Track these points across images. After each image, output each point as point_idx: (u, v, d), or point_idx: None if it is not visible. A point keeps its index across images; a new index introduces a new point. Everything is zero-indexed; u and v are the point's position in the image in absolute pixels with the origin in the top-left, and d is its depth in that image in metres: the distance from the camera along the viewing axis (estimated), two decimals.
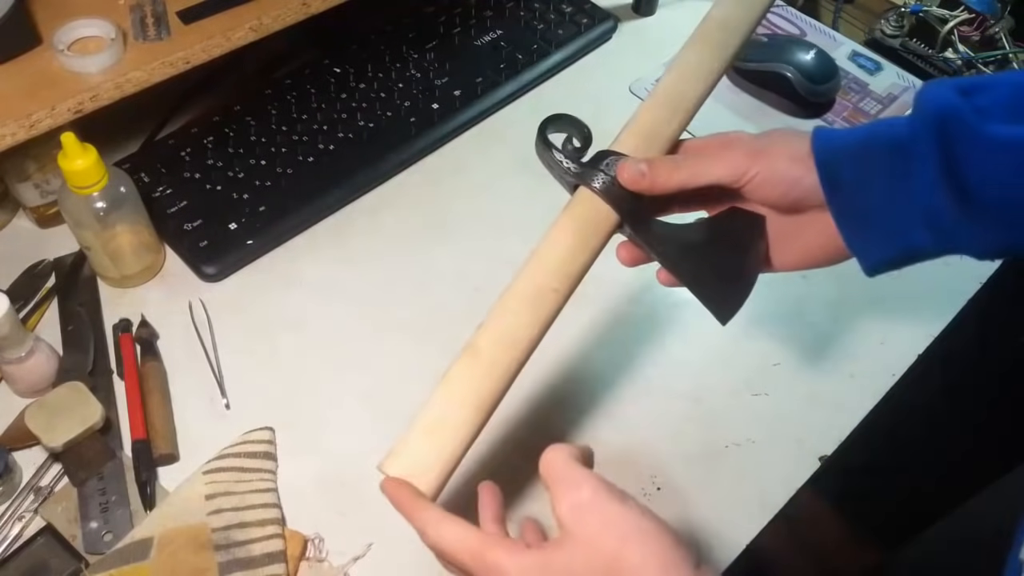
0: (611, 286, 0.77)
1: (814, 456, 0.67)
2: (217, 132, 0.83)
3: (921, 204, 0.44)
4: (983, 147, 0.42)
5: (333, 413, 0.69)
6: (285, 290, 0.76)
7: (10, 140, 0.65)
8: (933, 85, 0.45)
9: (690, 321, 0.75)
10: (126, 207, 0.70)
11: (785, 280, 0.78)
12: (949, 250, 0.45)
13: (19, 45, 0.67)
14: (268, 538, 0.59)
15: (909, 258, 0.47)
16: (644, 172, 0.47)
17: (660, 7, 1.02)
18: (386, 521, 0.63)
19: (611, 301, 0.75)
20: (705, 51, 0.52)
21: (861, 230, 0.47)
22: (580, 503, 0.40)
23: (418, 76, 0.89)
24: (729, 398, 0.71)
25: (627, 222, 0.49)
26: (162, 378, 0.69)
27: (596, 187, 0.48)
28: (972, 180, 0.42)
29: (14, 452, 0.64)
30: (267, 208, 0.78)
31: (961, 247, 0.45)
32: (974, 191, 0.42)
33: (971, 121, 0.42)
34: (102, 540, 0.60)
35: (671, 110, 0.51)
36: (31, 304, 0.73)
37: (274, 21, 0.74)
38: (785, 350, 0.74)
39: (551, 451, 0.42)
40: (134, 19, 0.72)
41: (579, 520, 0.40)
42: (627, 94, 0.93)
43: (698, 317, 0.75)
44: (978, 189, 0.42)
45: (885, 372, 0.72)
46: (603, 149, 0.50)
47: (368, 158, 0.83)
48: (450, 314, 0.74)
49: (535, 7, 0.97)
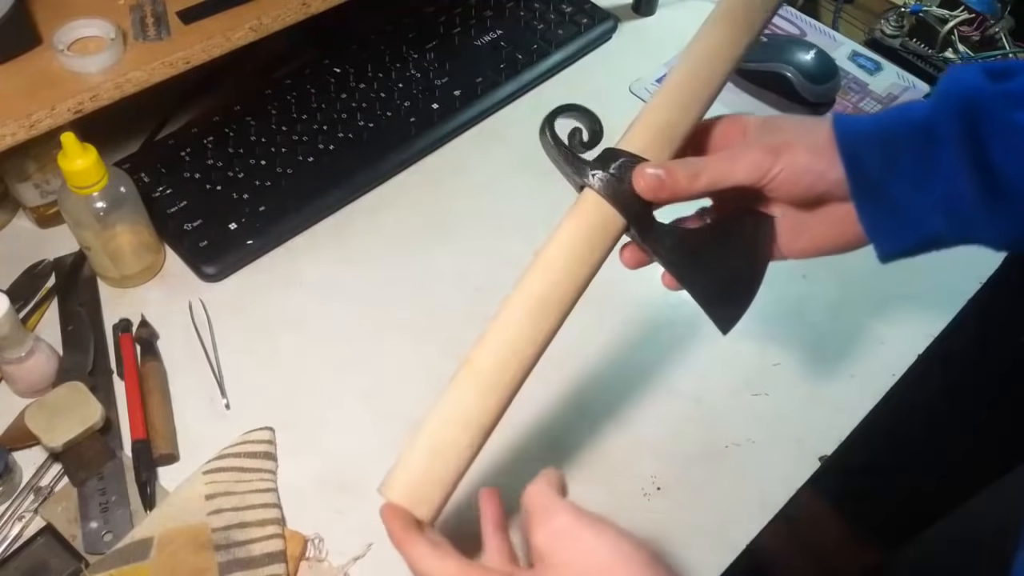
0: (611, 286, 0.76)
1: (814, 456, 0.67)
2: (217, 132, 0.83)
3: (943, 190, 0.43)
4: (1010, 132, 0.41)
5: (333, 413, 0.69)
6: (285, 290, 0.76)
7: (10, 140, 0.65)
8: (960, 68, 0.44)
9: (690, 321, 0.75)
10: (126, 207, 0.70)
11: (785, 280, 0.78)
12: (966, 239, 0.44)
13: (19, 45, 0.67)
14: (268, 538, 0.59)
15: (926, 245, 0.46)
16: (663, 181, 0.45)
17: (660, 7, 1.02)
18: None
19: (610, 301, 0.75)
20: (729, 32, 0.48)
21: (882, 217, 0.46)
22: (556, 530, 0.40)
23: (418, 76, 0.89)
24: (729, 398, 0.71)
25: (635, 227, 0.47)
26: (162, 378, 0.69)
27: (606, 192, 0.46)
28: (997, 166, 0.41)
29: (14, 452, 0.64)
30: (267, 208, 0.78)
31: (979, 236, 0.44)
32: (999, 177, 0.41)
33: (999, 105, 0.41)
34: (102, 540, 0.60)
35: (684, 104, 0.47)
36: (31, 304, 0.73)
37: (274, 21, 0.74)
38: (785, 350, 0.74)
39: (531, 484, 0.43)
40: (134, 19, 0.72)
41: (556, 547, 0.40)
42: (627, 94, 0.93)
43: (698, 317, 0.75)
44: (1003, 175, 0.41)
45: (885, 372, 0.72)
46: (611, 147, 0.48)
47: (368, 158, 0.83)
48: (450, 314, 0.74)
49: (535, 7, 0.97)
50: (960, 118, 0.42)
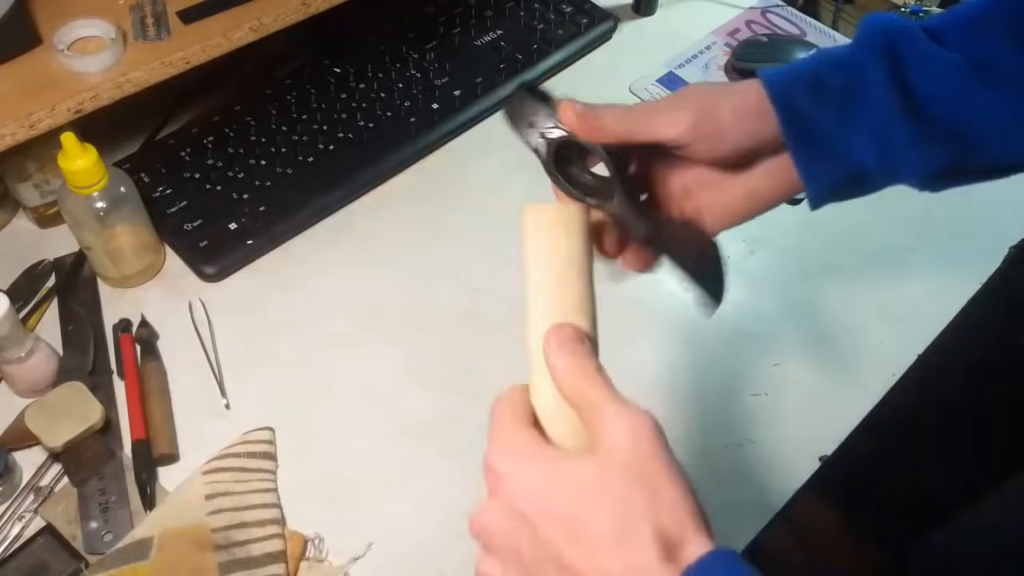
0: (609, 287, 0.76)
1: (814, 456, 0.67)
2: (217, 132, 0.83)
3: (870, 120, 0.44)
4: (929, 61, 0.43)
5: (333, 413, 0.68)
6: (285, 290, 0.76)
7: (10, 140, 0.65)
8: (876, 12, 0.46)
9: (689, 321, 0.75)
10: (126, 207, 0.70)
11: (785, 280, 0.78)
12: (894, 173, 0.46)
13: (19, 45, 0.67)
14: (268, 538, 0.59)
15: (854, 182, 0.47)
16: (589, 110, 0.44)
17: (660, 7, 1.02)
18: (386, 521, 0.63)
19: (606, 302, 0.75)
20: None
21: (812, 153, 0.46)
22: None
23: (418, 76, 0.89)
24: (729, 398, 0.71)
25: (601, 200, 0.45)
26: (162, 378, 0.69)
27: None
28: (919, 92, 0.43)
29: (14, 452, 0.64)
30: (267, 208, 0.78)
31: (906, 168, 0.45)
32: (921, 102, 0.43)
33: (917, 37, 0.43)
34: (102, 540, 0.60)
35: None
36: (31, 304, 0.73)
37: (274, 21, 0.74)
38: (785, 350, 0.74)
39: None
40: (134, 19, 0.72)
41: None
42: (627, 94, 0.93)
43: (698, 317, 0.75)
44: (925, 100, 0.43)
45: (885, 372, 0.72)
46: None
47: (368, 158, 0.83)
48: (450, 314, 0.74)
49: (535, 7, 0.97)
50: (881, 50, 0.44)
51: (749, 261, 0.79)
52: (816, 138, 0.46)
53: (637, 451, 0.34)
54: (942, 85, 0.43)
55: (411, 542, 0.62)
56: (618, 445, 0.34)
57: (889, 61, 0.44)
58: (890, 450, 1.11)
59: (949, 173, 0.46)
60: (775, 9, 1.02)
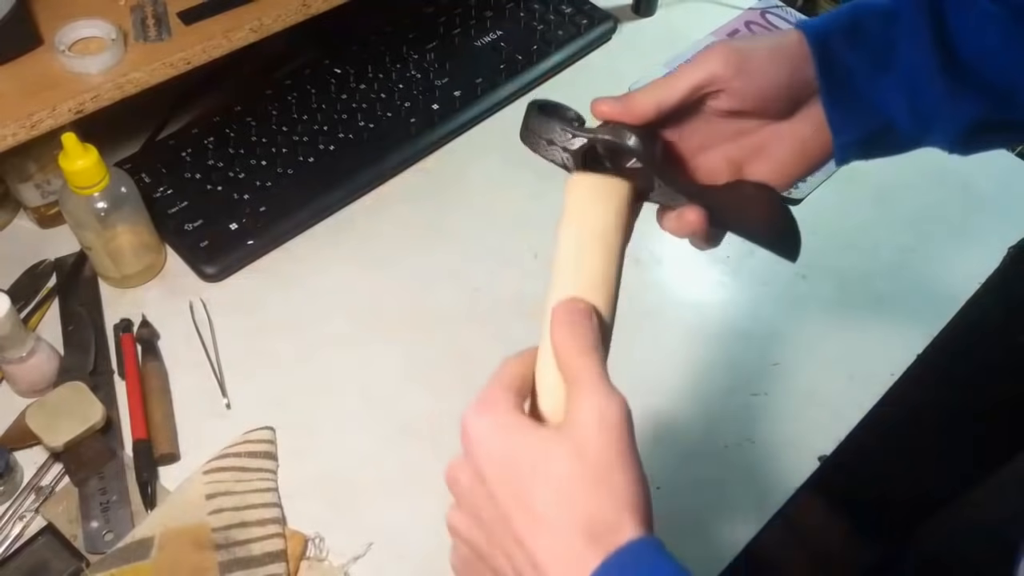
0: None
1: (814, 456, 0.68)
2: (218, 132, 0.83)
3: (904, 69, 0.44)
4: (972, 7, 0.42)
5: (333, 413, 0.69)
6: (285, 290, 0.76)
7: (11, 140, 0.65)
8: None
9: (689, 320, 0.75)
10: (127, 207, 0.70)
11: (785, 280, 0.78)
12: (924, 128, 0.45)
13: (20, 46, 0.67)
14: (268, 537, 0.59)
15: (883, 134, 0.46)
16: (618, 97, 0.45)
17: (660, 7, 1.02)
18: (386, 521, 0.63)
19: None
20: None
21: (843, 100, 0.45)
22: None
23: (418, 77, 0.90)
24: (729, 398, 0.71)
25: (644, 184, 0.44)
26: (163, 378, 0.69)
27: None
28: (957, 42, 0.42)
29: (15, 452, 0.64)
30: (267, 208, 0.78)
31: (938, 124, 0.44)
32: (958, 54, 0.42)
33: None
34: (103, 540, 0.60)
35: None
36: (32, 304, 0.73)
37: (274, 21, 0.74)
38: (785, 350, 0.74)
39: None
40: (135, 20, 0.72)
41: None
42: None
43: (698, 316, 0.76)
44: (962, 52, 0.42)
45: (885, 372, 0.72)
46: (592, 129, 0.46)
47: (368, 158, 0.83)
48: (450, 314, 0.74)
49: (535, 8, 0.97)
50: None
51: (749, 261, 0.79)
52: (848, 84, 0.45)
53: (598, 433, 0.35)
54: (983, 34, 0.43)
55: (411, 542, 0.62)
56: (582, 424, 0.35)
57: (929, 7, 0.43)
58: (890, 449, 1.11)
59: (983, 129, 0.45)
60: (774, 10, 1.02)
